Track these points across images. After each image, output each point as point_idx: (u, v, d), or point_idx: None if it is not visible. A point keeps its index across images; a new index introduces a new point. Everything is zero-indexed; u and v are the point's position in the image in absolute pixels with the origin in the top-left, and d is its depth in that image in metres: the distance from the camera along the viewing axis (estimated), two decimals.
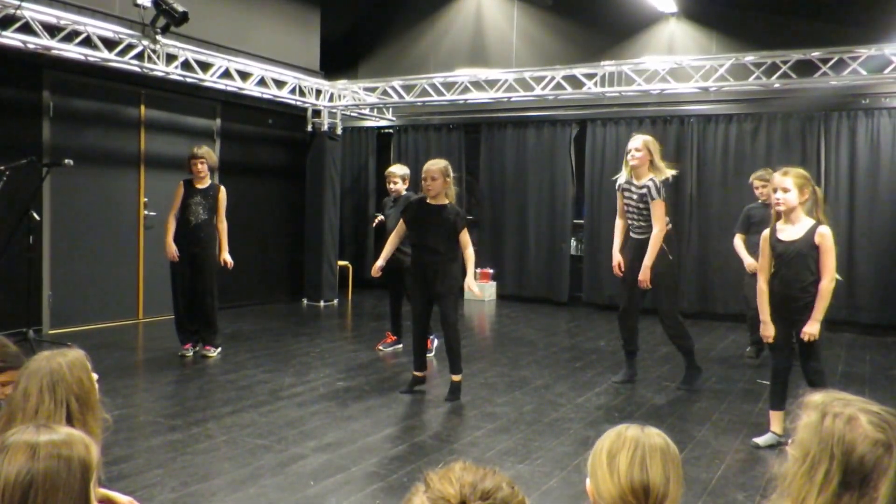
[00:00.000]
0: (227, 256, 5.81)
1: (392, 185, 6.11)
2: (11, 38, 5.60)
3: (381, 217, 6.28)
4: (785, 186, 3.70)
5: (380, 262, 4.91)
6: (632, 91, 7.31)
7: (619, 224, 5.22)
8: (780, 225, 3.80)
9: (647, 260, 4.88)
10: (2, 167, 5.25)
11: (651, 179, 4.90)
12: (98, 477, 1.59)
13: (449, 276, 4.67)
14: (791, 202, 3.70)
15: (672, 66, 7.14)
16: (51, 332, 6.50)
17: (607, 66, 7.30)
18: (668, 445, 1.41)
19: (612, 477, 1.36)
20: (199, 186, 5.78)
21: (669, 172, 4.99)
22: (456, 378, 4.77)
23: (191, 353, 5.82)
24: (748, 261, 5.76)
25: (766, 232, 3.86)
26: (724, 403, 4.79)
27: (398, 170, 6.20)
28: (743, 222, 5.99)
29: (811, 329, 3.69)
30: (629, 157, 4.99)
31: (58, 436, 1.39)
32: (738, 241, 5.98)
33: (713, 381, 5.36)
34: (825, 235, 3.67)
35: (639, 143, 4.97)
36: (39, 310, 6.45)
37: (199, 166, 5.73)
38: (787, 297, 3.78)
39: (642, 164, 4.94)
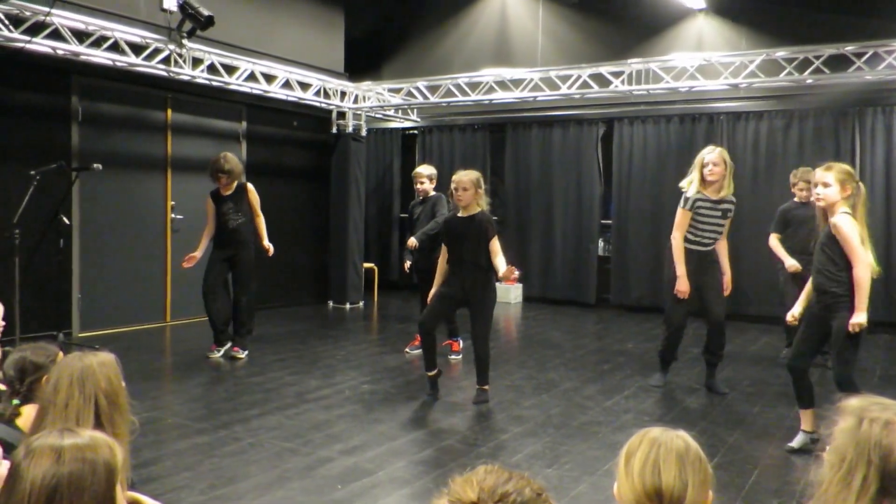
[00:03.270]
0: (267, 243, 5.94)
1: (419, 186, 6.14)
2: (41, 45, 5.74)
3: (408, 264, 6.23)
4: (826, 181, 3.62)
5: (436, 290, 4.82)
6: (660, 89, 7.23)
7: (682, 245, 4.92)
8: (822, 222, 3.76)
9: (727, 267, 5.04)
10: (32, 172, 5.37)
11: (732, 200, 4.94)
12: (129, 479, 1.62)
13: (487, 288, 4.65)
14: (831, 197, 3.62)
15: (701, 63, 7.05)
16: (80, 334, 6.63)
17: (634, 64, 7.23)
18: (687, 448, 1.37)
19: (627, 478, 1.35)
20: (226, 193, 5.88)
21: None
22: (484, 388, 4.76)
23: (216, 355, 5.90)
24: (789, 262, 5.61)
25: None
26: (756, 407, 4.71)
27: (425, 170, 6.23)
28: (780, 222, 5.85)
29: (858, 319, 3.56)
30: (706, 171, 4.81)
31: (82, 439, 1.40)
32: (775, 241, 5.82)
33: (746, 385, 5.28)
34: (836, 224, 3.58)
35: (716, 156, 4.81)
36: (69, 312, 6.58)
37: (222, 181, 5.80)
38: (816, 290, 3.74)
39: (721, 178, 4.83)
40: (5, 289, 4.74)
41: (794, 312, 3.95)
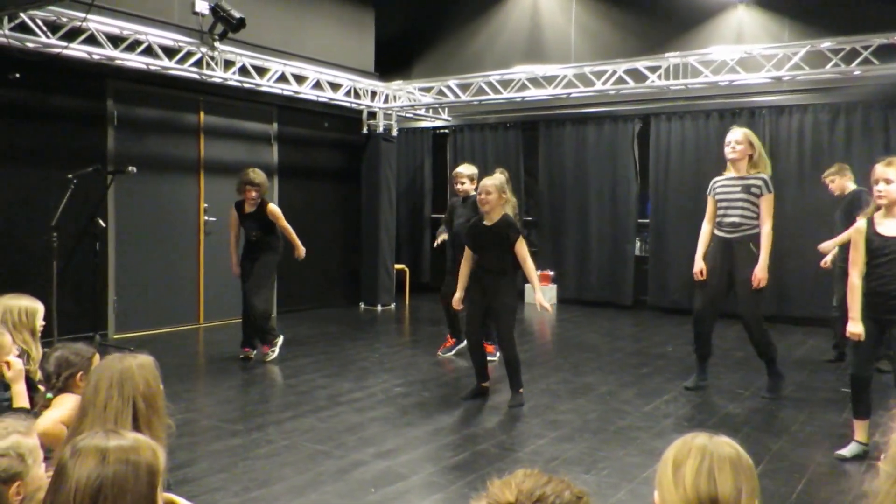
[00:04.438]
0: (300, 247, 6.00)
1: (459, 186, 6.09)
2: (78, 50, 5.90)
3: (442, 238, 6.30)
4: (888, 178, 3.50)
5: (459, 294, 4.87)
6: (698, 83, 7.12)
7: (706, 230, 5.03)
8: (878, 217, 3.60)
9: (764, 258, 4.75)
10: (70, 175, 5.52)
11: (762, 175, 4.80)
12: (166, 481, 1.65)
13: (504, 293, 4.66)
14: (894, 195, 3.51)
15: (741, 56, 6.92)
16: (115, 336, 6.79)
17: (672, 58, 7.13)
18: (739, 455, 1.34)
19: (677, 489, 1.32)
20: (249, 211, 5.94)
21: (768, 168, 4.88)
22: (518, 391, 4.75)
23: (252, 355, 6.02)
24: (827, 244, 5.76)
25: (862, 223, 3.64)
26: (803, 413, 4.60)
27: (466, 169, 6.15)
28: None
29: None
30: (728, 149, 4.85)
31: (126, 441, 1.44)
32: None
33: (792, 389, 5.16)
34: None
35: (739, 134, 4.84)
36: (105, 314, 6.74)
37: (252, 194, 5.87)
38: (882, 296, 3.57)
39: (742, 157, 4.81)
40: (44, 291, 4.87)
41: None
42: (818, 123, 7.82)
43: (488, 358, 6.00)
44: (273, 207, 5.98)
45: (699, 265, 4.98)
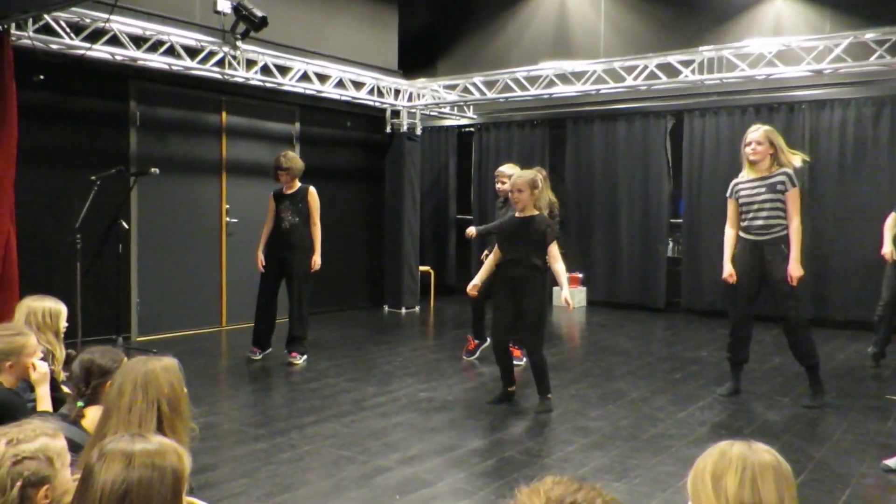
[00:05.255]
0: (316, 258, 6.02)
1: (500, 185, 6.03)
2: (101, 51, 6.02)
3: (473, 234, 6.29)
4: None
5: (476, 281, 4.90)
6: (734, 77, 7.03)
7: (730, 234, 4.95)
8: None
9: (795, 254, 4.67)
10: (93, 177, 5.64)
11: (784, 171, 4.72)
12: (189, 485, 1.68)
13: (533, 295, 4.64)
14: None
15: (780, 49, 6.81)
16: (138, 338, 6.90)
17: (706, 52, 7.05)
18: (779, 463, 1.33)
19: (718, 500, 1.30)
20: (287, 192, 6.04)
21: (798, 161, 4.77)
22: (546, 396, 4.73)
23: (258, 357, 6.09)
24: (887, 248, 5.67)
25: None
26: (846, 421, 4.51)
27: (507, 169, 6.06)
28: None
29: None
30: (748, 150, 4.78)
31: (152, 445, 1.47)
32: (892, 222, 5.80)
33: (833, 396, 5.06)
34: None
35: (759, 134, 4.76)
36: (128, 317, 6.86)
37: (282, 178, 6.00)
38: None
39: (763, 157, 4.74)
40: (68, 293, 4.98)
41: None
42: (861, 118, 7.67)
43: (514, 362, 5.99)
44: (314, 192, 6.05)
45: (728, 269, 4.89)
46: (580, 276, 9.38)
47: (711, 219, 8.46)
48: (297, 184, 6.08)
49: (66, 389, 3.31)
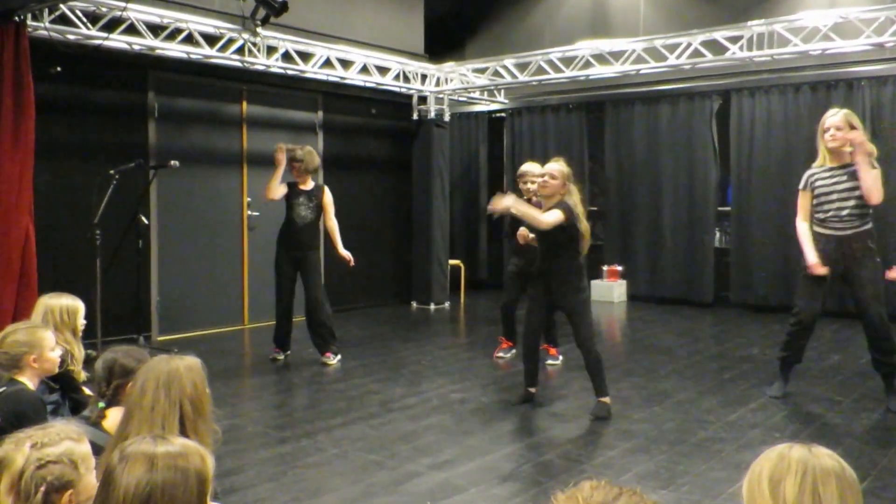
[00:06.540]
0: (343, 251, 6.09)
1: (528, 186, 5.71)
2: (118, 41, 6.12)
3: (529, 237, 6.20)
4: None
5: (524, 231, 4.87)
6: (786, 53, 6.88)
7: (805, 227, 4.76)
8: None
9: None
10: (111, 171, 5.74)
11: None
12: (213, 490, 1.70)
13: (572, 290, 4.61)
14: None
15: (836, 21, 6.65)
16: (160, 338, 7.02)
17: (755, 27, 6.91)
18: (843, 469, 1.30)
19: None
20: (303, 188, 6.09)
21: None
22: (603, 400, 4.65)
23: (281, 357, 6.17)
24: None
25: None
26: None
27: (535, 168, 5.64)
28: None
29: None
30: (828, 136, 4.61)
31: (174, 447, 1.49)
32: None
33: None
34: None
35: (839, 119, 4.60)
36: (149, 316, 6.99)
37: (295, 169, 6.07)
38: None
39: (843, 143, 4.58)
40: (87, 290, 5.07)
41: None
42: None
43: (550, 361, 5.97)
44: (329, 192, 6.15)
45: (813, 258, 4.64)
46: (619, 268, 9.29)
47: (763, 206, 8.33)
48: (311, 181, 6.14)
49: (87, 391, 3.38)
